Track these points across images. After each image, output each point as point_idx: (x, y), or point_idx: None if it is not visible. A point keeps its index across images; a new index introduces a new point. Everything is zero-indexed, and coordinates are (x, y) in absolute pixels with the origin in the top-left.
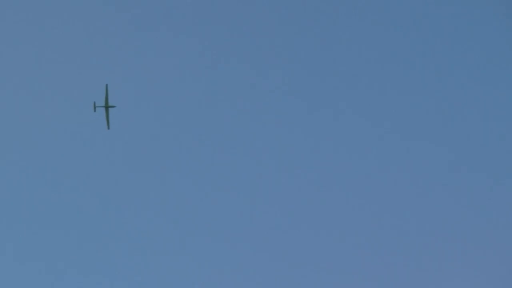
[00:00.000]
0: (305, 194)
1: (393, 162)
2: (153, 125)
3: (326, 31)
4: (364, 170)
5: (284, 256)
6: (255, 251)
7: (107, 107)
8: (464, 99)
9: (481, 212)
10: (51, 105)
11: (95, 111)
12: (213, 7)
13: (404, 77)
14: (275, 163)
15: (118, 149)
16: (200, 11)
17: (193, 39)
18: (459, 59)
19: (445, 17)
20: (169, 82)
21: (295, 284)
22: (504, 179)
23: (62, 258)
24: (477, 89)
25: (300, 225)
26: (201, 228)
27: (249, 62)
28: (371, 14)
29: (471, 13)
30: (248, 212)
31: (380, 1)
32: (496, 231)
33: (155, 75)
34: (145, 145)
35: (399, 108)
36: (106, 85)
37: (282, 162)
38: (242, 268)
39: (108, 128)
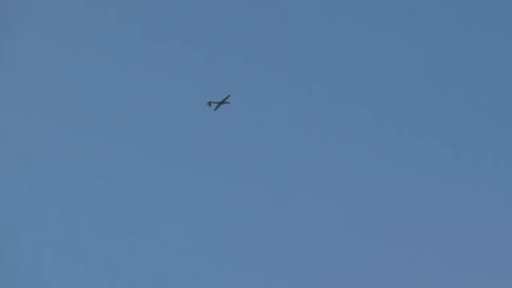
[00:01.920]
0: (307, 195)
1: (395, 163)
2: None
3: (328, 30)
4: (367, 170)
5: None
6: (257, 252)
7: (221, 103)
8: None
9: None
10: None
11: (210, 106)
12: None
13: (411, 77)
14: (278, 164)
15: (118, 148)
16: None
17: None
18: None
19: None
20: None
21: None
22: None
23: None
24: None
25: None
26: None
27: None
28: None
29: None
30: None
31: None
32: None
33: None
34: (146, 144)
35: (404, 108)
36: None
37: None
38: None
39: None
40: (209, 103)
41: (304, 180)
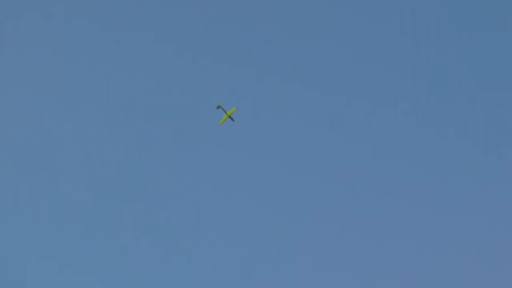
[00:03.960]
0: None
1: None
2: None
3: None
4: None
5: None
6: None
7: (228, 114)
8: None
9: None
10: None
11: (217, 109)
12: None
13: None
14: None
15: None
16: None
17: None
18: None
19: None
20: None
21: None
22: None
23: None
24: None
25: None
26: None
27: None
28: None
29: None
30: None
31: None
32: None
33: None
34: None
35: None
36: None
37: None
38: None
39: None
40: (219, 107)
41: (308, 182)
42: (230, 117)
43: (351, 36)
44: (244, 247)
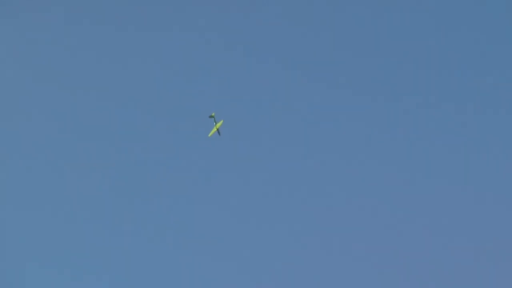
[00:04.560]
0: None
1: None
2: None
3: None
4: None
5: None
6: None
7: (216, 127)
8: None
9: None
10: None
11: (209, 117)
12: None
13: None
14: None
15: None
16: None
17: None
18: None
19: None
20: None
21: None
22: None
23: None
24: None
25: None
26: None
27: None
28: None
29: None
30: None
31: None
32: None
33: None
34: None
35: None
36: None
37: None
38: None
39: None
40: (212, 116)
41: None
42: (217, 130)
43: (352, 35)
44: (245, 247)
